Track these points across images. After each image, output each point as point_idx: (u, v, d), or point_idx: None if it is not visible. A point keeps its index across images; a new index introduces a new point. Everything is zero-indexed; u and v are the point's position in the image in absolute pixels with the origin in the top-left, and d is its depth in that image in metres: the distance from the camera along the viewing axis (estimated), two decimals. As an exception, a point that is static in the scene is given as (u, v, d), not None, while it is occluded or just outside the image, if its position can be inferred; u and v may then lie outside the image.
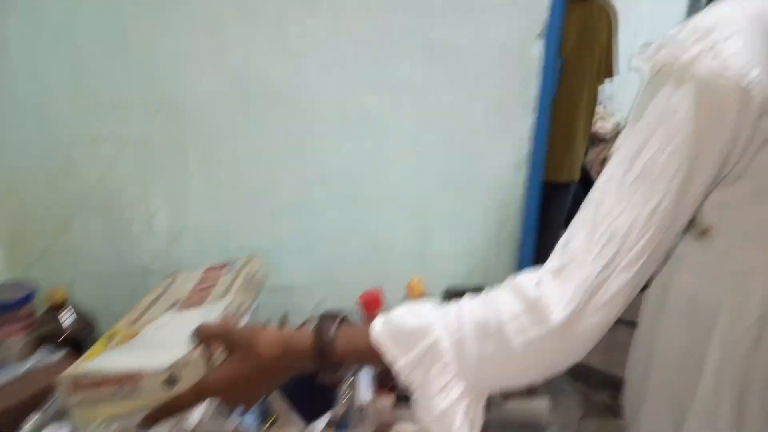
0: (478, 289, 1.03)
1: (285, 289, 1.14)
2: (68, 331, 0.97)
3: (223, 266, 1.03)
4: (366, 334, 0.57)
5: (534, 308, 0.53)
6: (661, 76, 0.54)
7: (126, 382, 0.64)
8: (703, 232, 0.64)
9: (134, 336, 0.81)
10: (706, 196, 0.56)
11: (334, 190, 1.09)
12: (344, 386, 0.89)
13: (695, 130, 0.51)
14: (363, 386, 0.93)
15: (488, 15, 0.97)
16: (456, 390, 0.55)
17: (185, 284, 1.00)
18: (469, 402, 0.56)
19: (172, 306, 0.92)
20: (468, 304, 0.57)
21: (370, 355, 0.57)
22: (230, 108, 1.05)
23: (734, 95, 0.50)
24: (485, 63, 1.00)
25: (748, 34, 0.50)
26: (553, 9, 0.95)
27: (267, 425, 0.85)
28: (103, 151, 1.06)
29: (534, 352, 0.53)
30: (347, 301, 1.12)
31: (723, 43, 0.50)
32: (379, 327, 0.57)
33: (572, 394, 0.93)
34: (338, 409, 0.86)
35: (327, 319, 0.60)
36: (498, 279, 1.14)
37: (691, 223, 0.64)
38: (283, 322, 1.10)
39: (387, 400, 0.89)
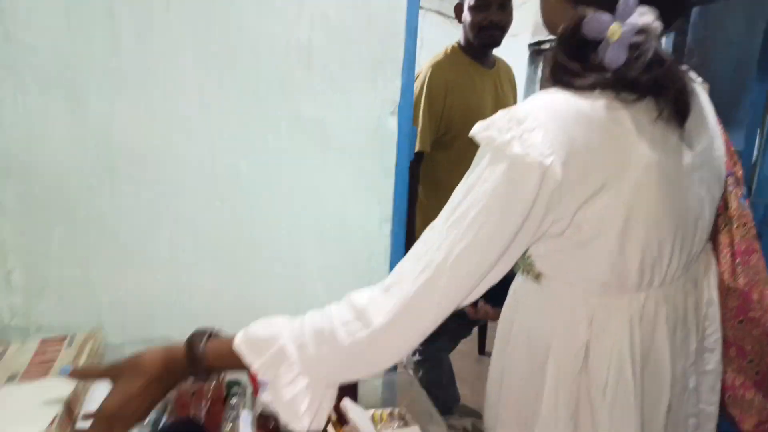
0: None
1: (160, 341, 1.15)
2: None
3: (60, 339, 1.06)
4: (230, 344, 0.71)
5: (362, 315, 0.65)
6: (483, 149, 0.66)
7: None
8: (537, 277, 0.77)
9: None
10: (521, 246, 0.68)
11: (207, 247, 1.11)
12: (226, 427, 0.94)
13: (498, 197, 0.63)
14: (244, 428, 0.99)
15: (349, 93, 1.04)
16: (301, 384, 0.68)
17: (20, 356, 1.00)
18: (314, 394, 0.69)
19: (11, 378, 0.93)
20: (310, 315, 0.71)
21: (234, 362, 0.70)
22: (94, 170, 1.02)
23: (534, 174, 0.62)
24: (348, 134, 1.07)
25: (548, 128, 0.63)
26: (404, 91, 1.05)
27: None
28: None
29: (361, 350, 0.66)
30: (225, 350, 1.17)
31: (529, 133, 0.62)
32: (239, 338, 0.71)
33: (439, 421, 1.05)
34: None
35: (198, 334, 0.74)
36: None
37: (529, 268, 0.77)
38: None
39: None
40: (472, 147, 1.72)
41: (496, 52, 1.88)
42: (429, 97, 1.72)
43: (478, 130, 0.67)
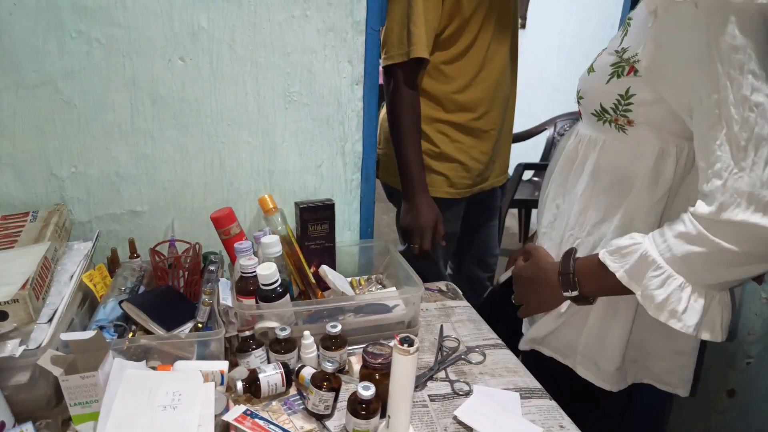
0: (328, 202, 1.12)
1: (130, 216, 1.13)
2: None
3: (23, 215, 1.03)
4: (594, 257, 0.79)
5: (715, 219, 0.66)
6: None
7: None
8: (622, 127, 0.81)
9: None
10: None
11: (171, 110, 1.05)
12: (205, 296, 0.95)
13: None
14: (224, 293, 1.00)
15: (314, -69, 0.96)
16: (675, 282, 0.71)
17: None
18: (693, 291, 0.71)
19: None
20: (667, 226, 0.73)
21: (598, 271, 0.78)
22: (40, 27, 0.93)
23: None
24: (314, -18, 1.00)
25: None
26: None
27: (128, 336, 0.89)
28: None
29: (738, 248, 0.65)
30: (198, 222, 1.15)
31: None
32: (602, 250, 0.78)
33: (417, 282, 1.07)
34: (201, 316, 0.92)
35: (566, 254, 0.86)
36: (347, 190, 1.24)
37: (619, 118, 0.80)
38: (131, 247, 1.10)
39: (249, 304, 0.96)
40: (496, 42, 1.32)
41: None
42: None
43: None
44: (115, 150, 1.06)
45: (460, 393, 0.90)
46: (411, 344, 0.70)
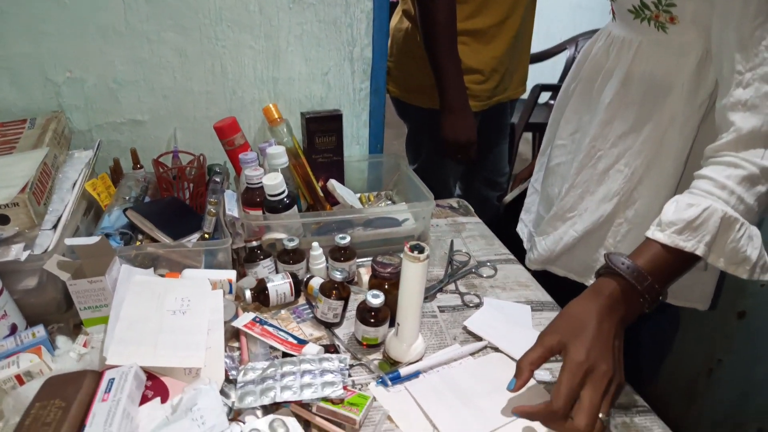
0: (335, 112, 1.07)
1: (131, 125, 1.08)
2: None
3: (21, 121, 0.99)
4: (653, 247, 0.62)
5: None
6: None
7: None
8: (663, 25, 0.74)
9: None
10: None
11: (167, 9, 0.98)
12: (211, 206, 0.93)
13: None
14: (230, 204, 0.98)
15: None
16: (755, 231, 0.62)
17: None
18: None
19: None
20: (717, 176, 0.62)
21: (669, 259, 0.61)
22: None
23: None
24: None
25: None
26: None
27: (134, 245, 0.88)
28: None
29: None
30: (202, 133, 1.11)
31: None
32: (661, 234, 0.61)
33: (429, 196, 1.04)
34: (207, 226, 0.91)
35: (612, 258, 0.63)
36: (355, 99, 1.19)
37: (662, 15, 0.73)
38: (133, 157, 1.07)
39: (255, 215, 0.94)
40: None
41: None
42: None
43: None
44: (111, 53, 1.00)
45: (470, 305, 0.90)
46: (421, 251, 0.68)
